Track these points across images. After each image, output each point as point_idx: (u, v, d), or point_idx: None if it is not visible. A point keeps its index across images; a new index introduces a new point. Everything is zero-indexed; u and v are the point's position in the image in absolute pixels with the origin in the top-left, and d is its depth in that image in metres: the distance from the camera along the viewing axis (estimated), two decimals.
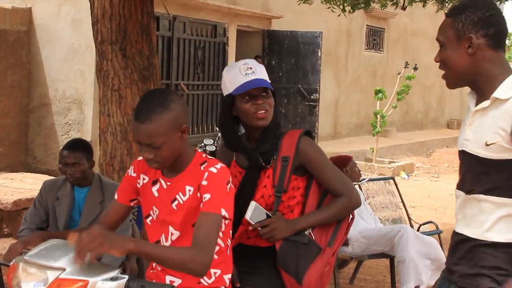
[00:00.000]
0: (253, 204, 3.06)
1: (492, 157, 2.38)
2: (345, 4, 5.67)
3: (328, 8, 6.01)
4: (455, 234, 2.59)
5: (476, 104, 2.49)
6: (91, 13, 5.15)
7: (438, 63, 2.55)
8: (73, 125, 9.70)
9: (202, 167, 2.69)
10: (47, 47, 9.86)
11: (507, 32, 2.49)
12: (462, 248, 2.53)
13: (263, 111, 3.07)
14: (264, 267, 3.12)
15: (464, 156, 2.51)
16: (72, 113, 9.72)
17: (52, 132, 9.83)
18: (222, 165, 2.70)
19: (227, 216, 2.63)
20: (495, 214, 2.42)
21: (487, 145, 2.39)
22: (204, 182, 2.64)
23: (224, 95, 3.17)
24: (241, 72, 3.08)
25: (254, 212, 3.05)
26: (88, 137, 9.31)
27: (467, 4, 2.46)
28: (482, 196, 2.44)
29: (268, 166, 3.12)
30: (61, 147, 4.62)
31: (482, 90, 2.47)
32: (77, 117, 9.69)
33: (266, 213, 3.08)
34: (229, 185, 2.67)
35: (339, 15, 6.16)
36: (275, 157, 3.12)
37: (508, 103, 2.35)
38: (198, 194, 2.66)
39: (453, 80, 2.53)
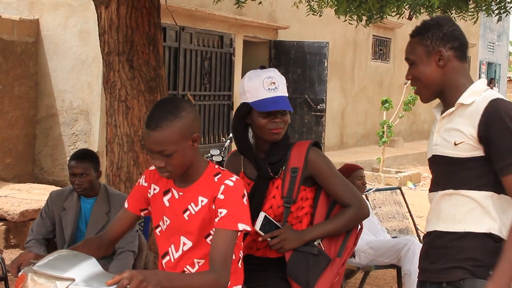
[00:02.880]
0: (262, 215, 3.06)
1: (461, 155, 2.57)
2: (361, 17, 5.71)
3: (345, 21, 6.04)
4: (427, 235, 2.74)
5: (442, 114, 2.70)
6: (98, 24, 5.17)
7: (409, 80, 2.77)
8: (80, 136, 9.72)
9: (216, 178, 2.70)
10: (54, 58, 9.89)
11: (468, 44, 2.73)
12: (436, 246, 2.66)
13: (278, 129, 3.09)
14: (273, 278, 3.12)
15: (435, 160, 2.70)
16: (79, 124, 9.74)
17: (59, 143, 9.85)
18: (237, 177, 2.71)
19: (247, 229, 2.65)
20: (466, 206, 2.58)
21: (455, 144, 2.58)
22: (221, 196, 2.65)
23: (241, 101, 3.16)
24: (264, 86, 3.06)
25: (263, 223, 3.05)
26: (95, 148, 9.32)
27: (430, 23, 2.71)
28: (452, 190, 2.61)
29: (276, 177, 3.13)
30: (68, 158, 4.63)
31: (449, 99, 2.68)
32: (84, 127, 9.71)
33: (275, 224, 3.08)
34: (244, 198, 2.68)
35: (344, 20, 6.17)
36: (284, 168, 3.12)
37: (472, 106, 2.58)
38: (213, 207, 2.66)
39: (426, 93, 2.73)
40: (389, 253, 5.53)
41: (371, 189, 6.98)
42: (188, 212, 2.73)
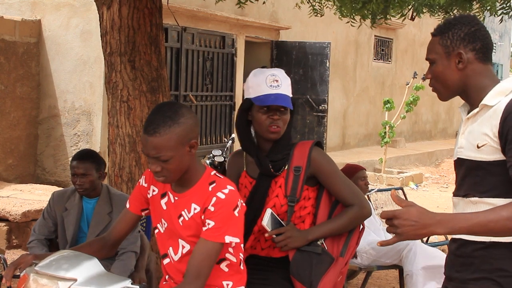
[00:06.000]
0: (269, 211, 3.08)
1: (484, 159, 2.45)
2: (365, 17, 5.70)
3: (347, 23, 6.04)
4: (452, 241, 2.62)
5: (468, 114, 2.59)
6: (100, 25, 5.18)
7: (429, 80, 2.65)
8: (82, 137, 9.73)
9: (210, 188, 2.69)
10: (56, 58, 9.89)
11: (492, 45, 2.58)
12: (462, 254, 2.55)
13: (276, 127, 3.10)
14: (276, 279, 3.14)
15: (459, 163, 2.58)
16: (81, 124, 9.75)
17: (61, 144, 9.86)
18: (231, 188, 2.68)
19: (234, 241, 2.64)
20: None
21: (478, 147, 2.46)
22: (211, 208, 2.63)
23: (245, 97, 3.21)
24: (266, 82, 3.10)
25: (269, 219, 3.07)
26: (97, 148, 9.32)
27: (452, 22, 2.58)
28: (477, 198, 2.49)
29: (278, 174, 3.14)
30: (70, 159, 4.63)
31: (472, 100, 2.57)
32: (86, 128, 9.72)
33: (280, 222, 3.10)
34: (237, 210, 2.65)
35: (347, 22, 6.18)
36: (286, 167, 3.15)
37: (495, 107, 2.44)
38: (202, 217, 2.66)
39: (444, 93, 2.63)
40: (391, 254, 5.52)
41: (373, 189, 6.97)
42: (182, 218, 2.73)
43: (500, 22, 5.81)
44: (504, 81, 2.54)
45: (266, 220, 3.05)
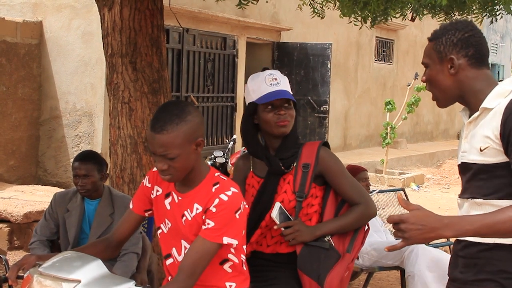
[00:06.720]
0: (278, 204, 3.13)
1: (488, 161, 2.45)
2: (366, 18, 5.72)
3: (350, 22, 6.04)
4: (457, 242, 2.62)
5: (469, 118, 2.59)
6: (101, 26, 5.18)
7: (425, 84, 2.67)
8: (83, 138, 9.73)
9: (213, 189, 2.69)
10: (58, 60, 9.90)
11: (487, 51, 2.57)
12: (466, 255, 2.55)
13: (284, 121, 3.16)
14: (282, 278, 3.16)
15: (464, 167, 2.58)
16: (82, 125, 9.75)
17: (63, 145, 9.86)
18: (235, 190, 2.68)
19: (232, 243, 2.65)
20: None
21: (481, 150, 2.46)
22: (213, 209, 2.63)
23: (247, 103, 3.26)
24: (265, 82, 3.18)
25: (278, 212, 3.12)
26: (98, 150, 9.33)
27: (447, 27, 2.59)
28: (482, 200, 2.48)
29: (287, 171, 3.19)
30: (71, 160, 4.63)
31: (471, 104, 2.57)
32: (87, 129, 9.72)
33: (289, 216, 3.14)
34: (238, 212, 2.65)
35: (349, 22, 6.18)
36: (295, 164, 3.20)
37: (495, 109, 2.45)
38: (203, 217, 2.67)
39: (441, 99, 2.65)
40: (393, 255, 5.51)
41: (375, 190, 6.97)
42: (184, 218, 2.74)
43: (491, 23, 5.81)
44: (502, 83, 2.54)
45: (275, 213, 3.09)
